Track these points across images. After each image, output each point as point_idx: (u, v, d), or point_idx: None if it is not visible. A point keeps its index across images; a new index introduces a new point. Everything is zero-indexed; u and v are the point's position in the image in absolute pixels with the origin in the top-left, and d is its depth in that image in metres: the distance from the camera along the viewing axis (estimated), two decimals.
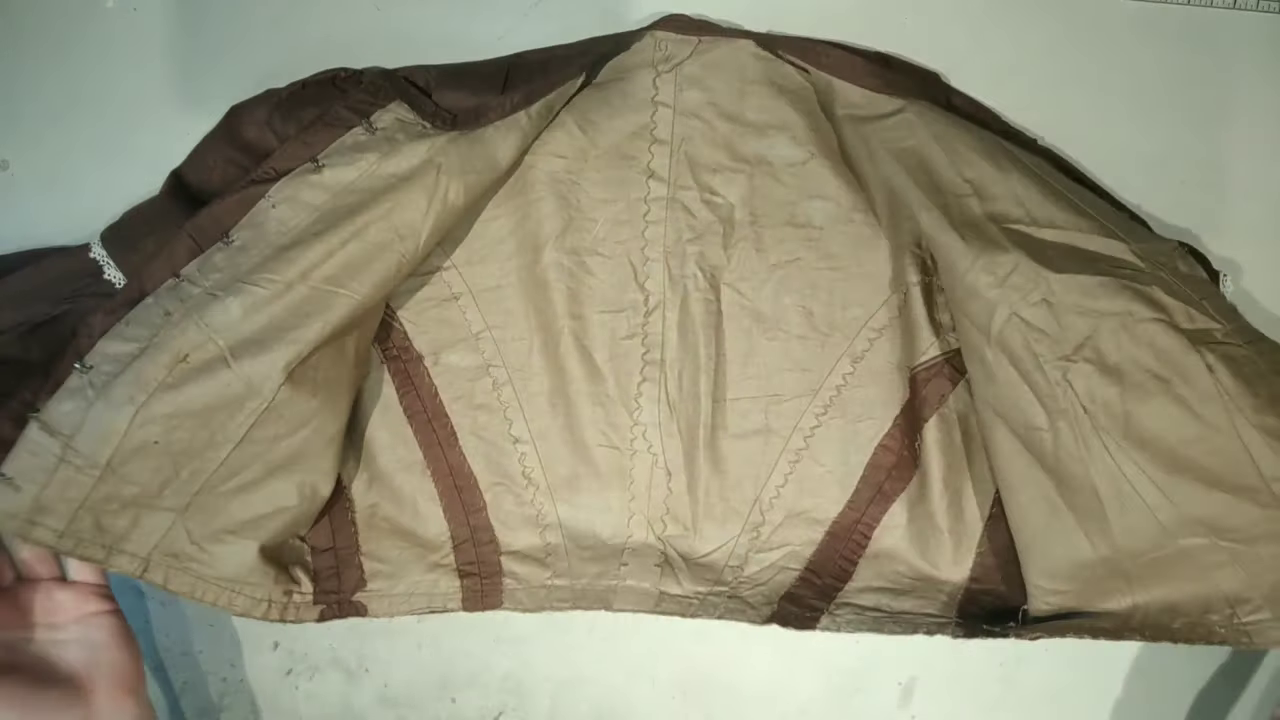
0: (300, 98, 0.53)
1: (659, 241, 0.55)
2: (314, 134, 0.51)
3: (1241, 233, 0.55)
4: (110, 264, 0.53)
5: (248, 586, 0.51)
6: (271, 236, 0.50)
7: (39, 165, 0.58)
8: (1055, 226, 0.49)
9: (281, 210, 0.50)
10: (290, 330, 0.48)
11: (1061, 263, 0.48)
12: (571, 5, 0.57)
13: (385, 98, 0.52)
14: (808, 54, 0.55)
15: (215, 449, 0.49)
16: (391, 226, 0.50)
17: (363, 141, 0.51)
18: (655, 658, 0.57)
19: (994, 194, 0.50)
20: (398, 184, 0.51)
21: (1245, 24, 0.55)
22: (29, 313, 0.53)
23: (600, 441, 0.56)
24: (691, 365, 0.55)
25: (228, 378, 0.48)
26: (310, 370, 0.50)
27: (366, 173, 0.51)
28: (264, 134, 0.53)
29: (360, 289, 0.50)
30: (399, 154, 0.51)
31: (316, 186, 0.50)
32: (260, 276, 0.49)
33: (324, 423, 0.51)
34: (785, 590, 0.54)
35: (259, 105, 0.54)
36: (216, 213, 0.51)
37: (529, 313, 0.56)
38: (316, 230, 0.50)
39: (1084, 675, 0.55)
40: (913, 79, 0.55)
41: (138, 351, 0.47)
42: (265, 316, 0.48)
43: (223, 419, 0.48)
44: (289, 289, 0.49)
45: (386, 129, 0.51)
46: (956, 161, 0.51)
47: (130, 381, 0.47)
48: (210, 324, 0.48)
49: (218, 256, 0.50)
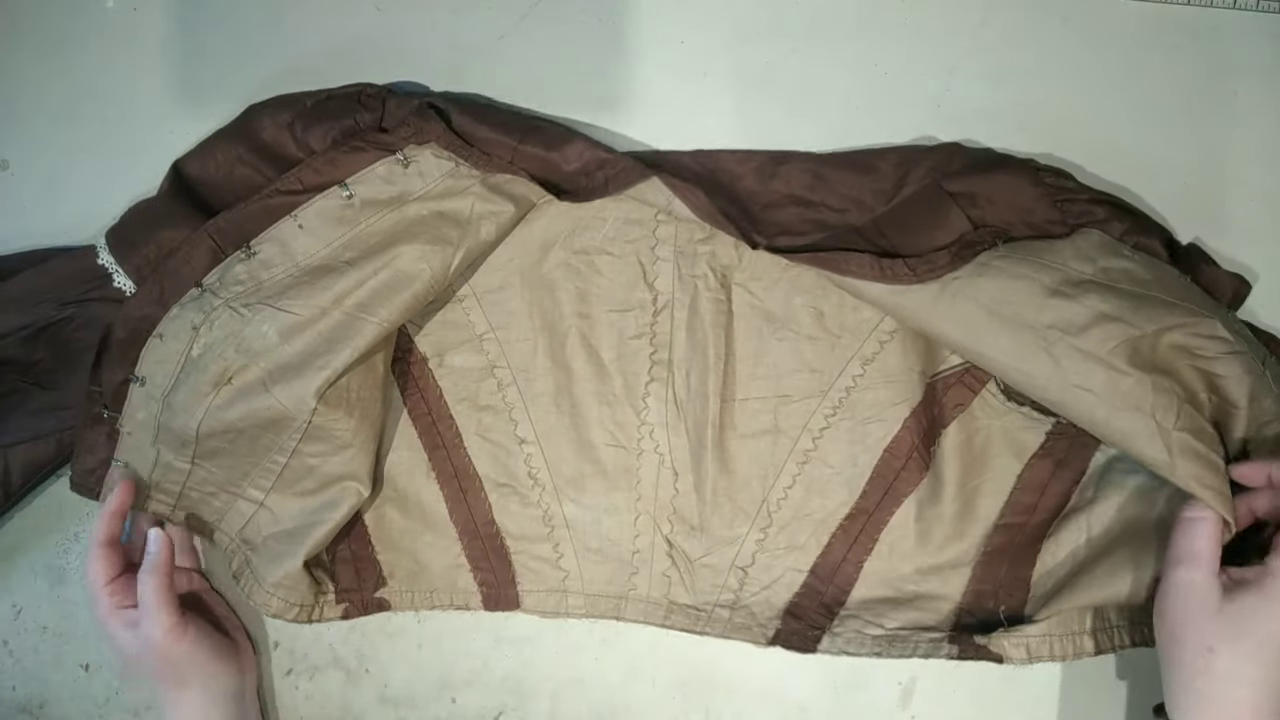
0: (324, 108, 0.53)
1: (670, 241, 0.55)
2: (344, 156, 0.52)
3: (1242, 233, 0.55)
4: (119, 271, 0.53)
5: (283, 590, 0.53)
6: (298, 257, 0.52)
7: (39, 165, 0.58)
8: (1155, 325, 0.48)
9: (309, 233, 0.52)
10: (320, 356, 0.50)
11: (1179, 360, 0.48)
12: (570, 6, 0.57)
13: (420, 134, 0.52)
14: (825, 264, 0.51)
15: (278, 453, 0.52)
16: (423, 257, 0.51)
17: (395, 173, 0.52)
18: (655, 658, 0.57)
19: (1081, 325, 0.48)
20: (430, 219, 0.52)
21: (1245, 24, 0.55)
22: (35, 314, 0.53)
23: (607, 441, 0.56)
24: (700, 365, 0.55)
25: (268, 401, 0.50)
26: (343, 392, 0.51)
27: (398, 205, 0.52)
28: (283, 137, 0.53)
29: (389, 316, 0.51)
30: (432, 190, 0.52)
31: (346, 213, 0.52)
32: (295, 302, 0.51)
33: (366, 440, 0.53)
34: (791, 596, 0.55)
35: (280, 108, 0.54)
36: (239, 218, 0.52)
37: (533, 313, 0.56)
38: (349, 258, 0.51)
39: (1084, 675, 0.55)
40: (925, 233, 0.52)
41: (177, 367, 0.52)
42: (301, 342, 0.50)
43: (272, 436, 0.52)
44: (324, 315, 0.51)
45: (420, 164, 0.52)
46: (1026, 316, 0.49)
47: (187, 395, 0.51)
48: (250, 349, 0.51)
49: (239, 268, 0.52)
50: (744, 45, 0.57)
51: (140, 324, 0.52)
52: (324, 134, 0.52)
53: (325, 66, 0.57)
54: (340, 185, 0.52)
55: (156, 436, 0.53)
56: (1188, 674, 0.45)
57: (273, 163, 0.53)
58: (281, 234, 0.52)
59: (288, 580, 0.53)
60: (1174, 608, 0.46)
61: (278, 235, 0.52)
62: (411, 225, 0.52)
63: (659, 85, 0.57)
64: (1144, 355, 0.47)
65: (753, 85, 0.57)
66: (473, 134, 0.52)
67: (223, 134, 0.54)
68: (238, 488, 0.54)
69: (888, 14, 0.56)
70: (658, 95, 0.57)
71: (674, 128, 0.56)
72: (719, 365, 0.54)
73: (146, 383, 0.52)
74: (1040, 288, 0.49)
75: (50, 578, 0.59)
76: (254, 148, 0.54)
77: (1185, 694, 0.45)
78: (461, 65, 0.57)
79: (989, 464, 0.54)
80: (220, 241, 0.52)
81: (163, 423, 0.52)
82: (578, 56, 0.57)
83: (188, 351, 0.51)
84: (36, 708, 0.59)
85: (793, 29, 0.57)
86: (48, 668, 0.59)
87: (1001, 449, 0.54)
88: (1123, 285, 0.49)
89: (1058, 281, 0.49)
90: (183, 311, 0.52)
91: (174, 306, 0.52)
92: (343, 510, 0.52)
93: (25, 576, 0.59)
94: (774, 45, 0.57)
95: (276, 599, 0.53)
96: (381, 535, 0.56)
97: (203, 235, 0.52)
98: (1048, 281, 0.49)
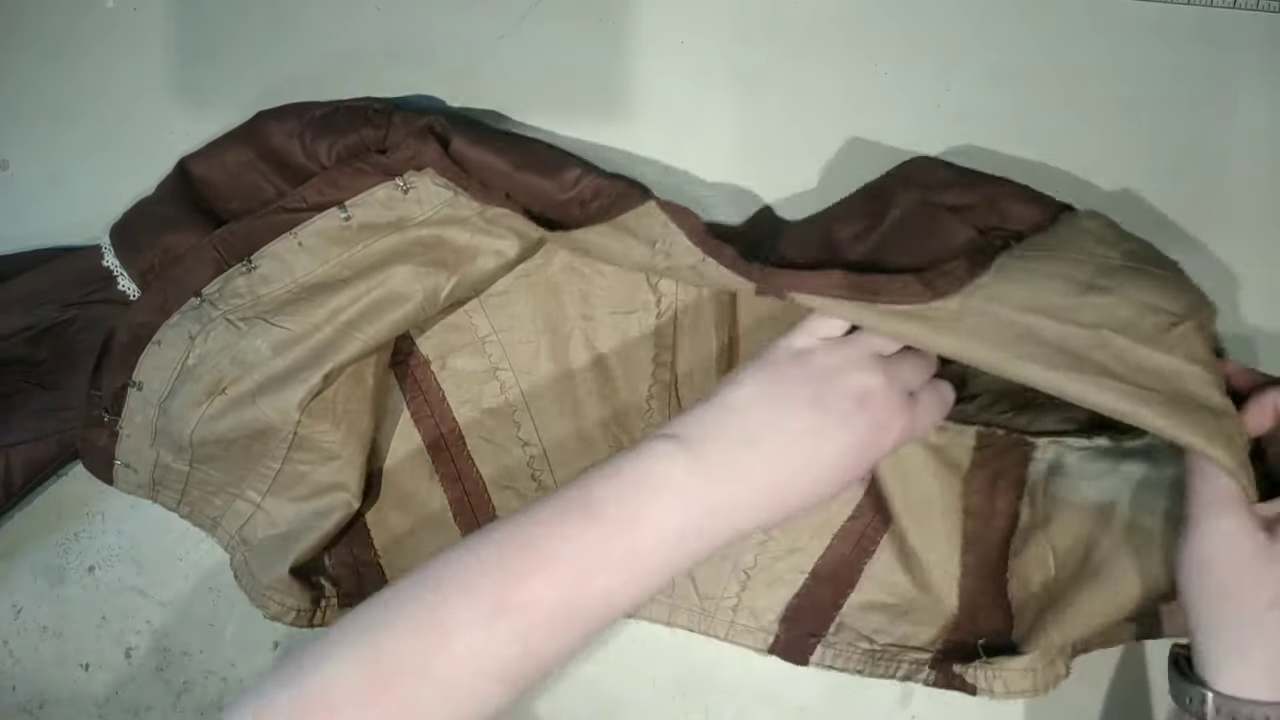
0: (332, 120, 0.53)
1: None
2: (346, 177, 0.51)
3: (1242, 233, 0.55)
4: (124, 274, 0.53)
5: (277, 594, 0.53)
6: (297, 274, 0.52)
7: (39, 165, 0.58)
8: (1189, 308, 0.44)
9: (308, 251, 0.51)
10: (305, 369, 0.50)
11: None
12: (570, 6, 0.57)
13: (418, 158, 0.51)
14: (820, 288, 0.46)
15: (271, 459, 0.52)
16: (416, 278, 0.51)
17: (394, 198, 0.51)
18: (655, 658, 0.57)
19: (1125, 319, 0.43)
20: (428, 241, 0.52)
21: (1245, 24, 0.55)
22: (38, 315, 0.53)
23: (610, 443, 0.56)
24: (703, 367, 0.54)
25: (255, 412, 0.51)
26: (328, 404, 0.51)
27: (395, 229, 0.51)
28: (291, 145, 0.53)
29: (375, 334, 0.51)
30: (432, 217, 0.51)
31: (344, 234, 0.51)
32: (290, 318, 0.51)
33: (353, 453, 0.53)
34: (792, 597, 0.55)
35: (289, 115, 0.53)
36: (244, 230, 0.52)
37: (536, 315, 0.56)
38: (344, 276, 0.51)
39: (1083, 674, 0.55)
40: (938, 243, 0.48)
41: (173, 374, 0.52)
42: (291, 356, 0.50)
43: (261, 445, 0.52)
44: (316, 330, 0.51)
45: (419, 190, 0.51)
46: (1065, 317, 0.44)
47: (182, 402, 0.52)
48: (244, 360, 0.51)
49: (239, 281, 0.52)
50: (744, 45, 0.57)
51: (142, 330, 0.52)
52: (329, 147, 0.52)
53: (325, 67, 0.57)
54: (339, 207, 0.51)
55: (155, 439, 0.53)
56: (1250, 632, 0.41)
57: (280, 171, 0.53)
58: (282, 250, 0.52)
59: (279, 584, 0.53)
60: (1223, 560, 0.42)
61: (278, 251, 0.52)
62: (410, 246, 0.51)
63: (659, 85, 0.57)
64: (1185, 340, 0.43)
65: (753, 85, 0.57)
66: (471, 159, 0.51)
67: (232, 137, 0.54)
68: (236, 489, 0.54)
69: (888, 14, 0.56)
70: (657, 95, 0.57)
71: (674, 128, 0.56)
72: (723, 367, 0.54)
73: (144, 388, 0.52)
74: (1075, 285, 0.44)
75: (50, 578, 0.59)
76: (263, 154, 0.53)
77: (1252, 646, 0.41)
78: (461, 65, 0.57)
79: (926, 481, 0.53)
80: (224, 253, 0.52)
81: (159, 427, 0.52)
82: (577, 57, 0.57)
83: (184, 360, 0.52)
84: (36, 708, 0.59)
85: (793, 29, 0.56)
86: (48, 668, 0.59)
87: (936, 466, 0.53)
88: (1151, 266, 0.45)
89: (1091, 274, 0.44)
90: (182, 320, 0.52)
91: (174, 314, 0.52)
92: (333, 520, 0.52)
93: (25, 576, 0.59)
94: (774, 45, 0.57)
95: (273, 602, 0.53)
96: (384, 539, 0.56)
97: (207, 246, 0.52)
98: (1081, 276, 0.44)
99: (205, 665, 0.58)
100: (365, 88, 0.56)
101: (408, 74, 0.57)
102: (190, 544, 0.58)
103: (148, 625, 0.58)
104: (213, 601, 0.58)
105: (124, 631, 0.59)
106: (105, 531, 0.59)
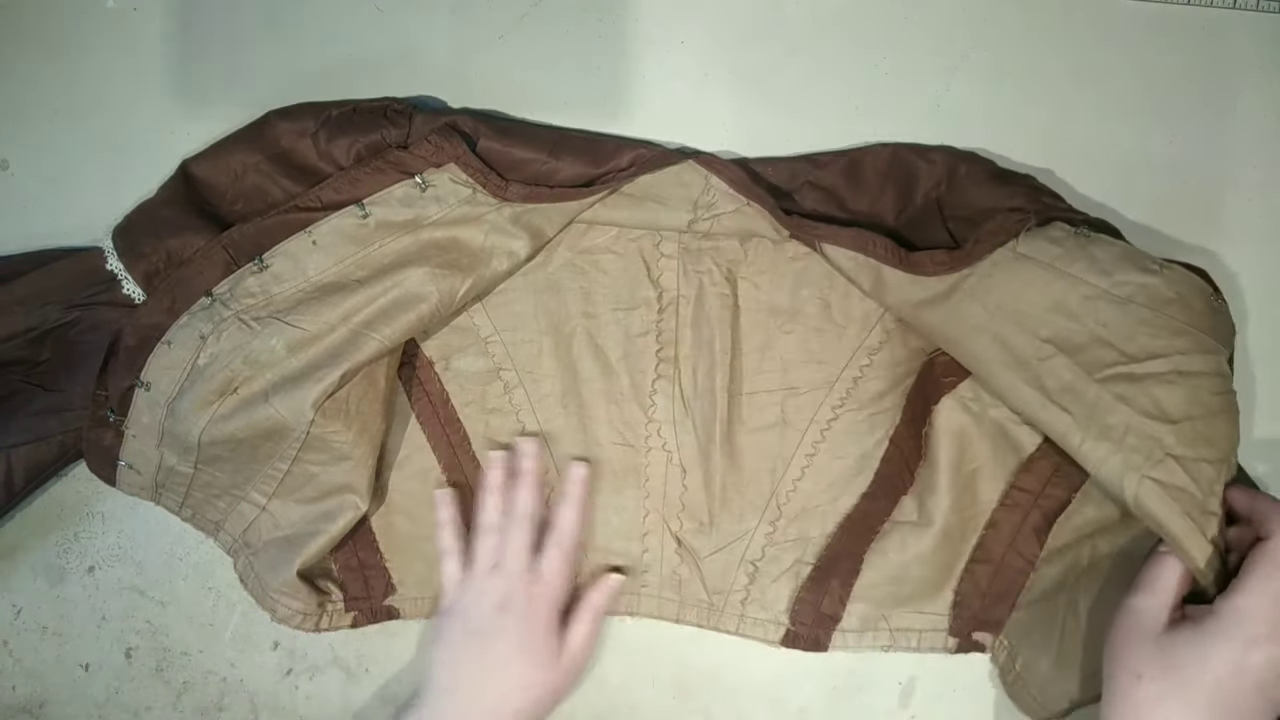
0: (350, 120, 0.53)
1: (674, 238, 0.55)
2: (366, 176, 0.52)
3: (1243, 233, 0.55)
4: (128, 278, 0.53)
5: (285, 597, 0.53)
6: (310, 273, 0.52)
7: (39, 165, 0.58)
8: (1154, 357, 0.46)
9: (323, 250, 0.52)
10: (321, 369, 0.50)
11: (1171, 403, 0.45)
12: (570, 6, 0.57)
13: (440, 154, 0.51)
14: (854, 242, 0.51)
15: (279, 460, 0.52)
16: (432, 279, 0.51)
17: (412, 196, 0.52)
18: (655, 658, 0.57)
19: (1077, 344, 0.47)
20: (444, 243, 0.52)
21: (1245, 24, 0.55)
22: (40, 316, 0.53)
23: (614, 440, 0.56)
24: (706, 360, 0.55)
25: (267, 411, 0.50)
26: (342, 404, 0.51)
27: (413, 229, 0.52)
28: (304, 145, 0.53)
29: (392, 335, 0.51)
30: (448, 216, 0.52)
31: (360, 232, 0.52)
32: (304, 318, 0.51)
33: (364, 454, 0.53)
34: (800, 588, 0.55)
35: (302, 115, 0.53)
36: (254, 231, 0.52)
37: (538, 315, 0.56)
38: (360, 276, 0.51)
39: None
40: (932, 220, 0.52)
41: (182, 375, 0.51)
42: (306, 356, 0.50)
43: (272, 445, 0.52)
44: (331, 331, 0.51)
45: (437, 188, 0.52)
46: (1026, 326, 0.48)
47: (190, 402, 0.51)
48: (256, 360, 0.51)
49: (251, 280, 0.52)
50: (744, 45, 0.57)
51: (150, 332, 0.52)
52: (349, 146, 0.52)
53: (326, 67, 0.57)
54: (357, 205, 0.51)
55: (161, 440, 0.53)
56: (1116, 698, 0.45)
57: (290, 172, 0.53)
58: (295, 249, 0.52)
59: (287, 588, 0.53)
60: (1117, 630, 0.46)
61: (291, 250, 0.52)
62: (424, 248, 0.52)
63: (659, 85, 0.57)
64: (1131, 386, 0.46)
65: (753, 85, 0.57)
66: (502, 153, 0.52)
67: (238, 139, 0.54)
68: (241, 491, 0.54)
69: (888, 14, 0.56)
70: (658, 95, 0.57)
71: (674, 128, 0.56)
72: (725, 360, 0.54)
73: (152, 388, 0.52)
74: (1048, 299, 0.48)
75: (50, 578, 0.59)
76: (271, 156, 0.53)
77: (1111, 717, 0.45)
78: (461, 65, 0.57)
79: (995, 442, 0.53)
80: (234, 254, 0.52)
81: (166, 428, 0.52)
82: (578, 57, 0.57)
83: (194, 360, 0.51)
84: (36, 708, 0.59)
85: (793, 29, 0.57)
86: (48, 668, 0.59)
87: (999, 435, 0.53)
88: (1137, 302, 0.47)
89: (1065, 293, 0.47)
90: (192, 320, 0.52)
91: (184, 315, 0.52)
92: (340, 523, 0.52)
93: (25, 576, 0.59)
94: (774, 45, 0.57)
95: (280, 605, 0.53)
96: (390, 542, 0.56)
97: (216, 247, 0.52)
98: (1056, 292, 0.48)
99: (205, 665, 0.58)
100: (366, 88, 0.56)
101: (408, 74, 0.57)
102: (190, 544, 0.58)
103: (148, 625, 0.58)
104: (213, 601, 0.58)
105: (124, 631, 0.59)
106: (105, 531, 0.59)
